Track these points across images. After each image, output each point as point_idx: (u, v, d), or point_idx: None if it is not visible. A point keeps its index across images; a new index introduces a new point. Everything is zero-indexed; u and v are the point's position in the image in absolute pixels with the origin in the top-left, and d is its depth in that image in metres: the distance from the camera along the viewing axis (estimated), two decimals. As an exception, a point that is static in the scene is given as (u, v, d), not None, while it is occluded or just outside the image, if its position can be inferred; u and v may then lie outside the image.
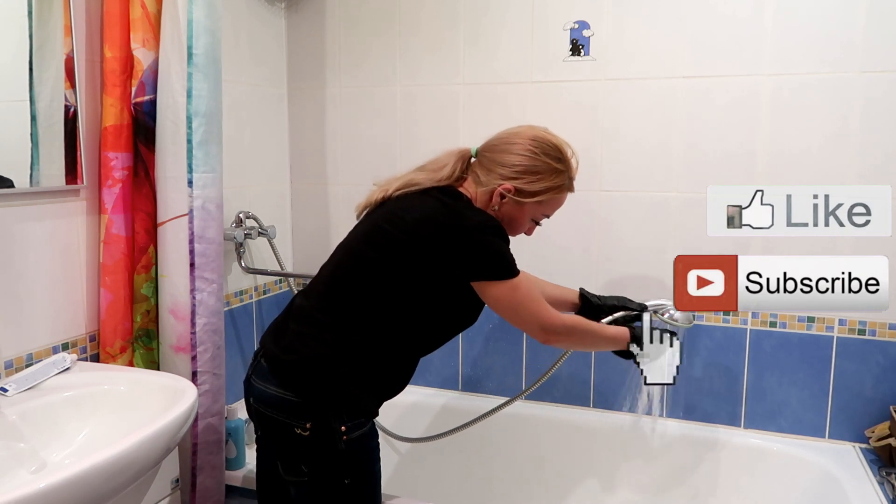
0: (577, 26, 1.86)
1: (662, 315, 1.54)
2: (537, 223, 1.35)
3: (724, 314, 1.84)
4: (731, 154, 1.77)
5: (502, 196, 1.26)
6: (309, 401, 1.21)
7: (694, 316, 1.56)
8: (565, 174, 1.30)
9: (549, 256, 1.97)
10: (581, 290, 1.61)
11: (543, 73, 1.91)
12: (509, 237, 1.27)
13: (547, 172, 1.26)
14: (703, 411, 1.89)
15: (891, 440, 1.62)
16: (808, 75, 1.69)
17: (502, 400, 2.04)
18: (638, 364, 1.46)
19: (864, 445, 1.74)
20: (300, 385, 1.21)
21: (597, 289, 1.94)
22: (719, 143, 1.78)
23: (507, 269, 1.21)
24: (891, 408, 1.69)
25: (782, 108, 1.72)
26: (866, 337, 1.73)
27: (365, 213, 1.34)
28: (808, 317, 1.77)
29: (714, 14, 1.75)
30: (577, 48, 1.87)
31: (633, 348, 1.43)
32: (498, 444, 2.02)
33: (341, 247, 1.33)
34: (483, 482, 2.02)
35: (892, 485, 1.52)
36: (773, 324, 1.80)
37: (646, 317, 1.46)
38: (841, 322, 1.75)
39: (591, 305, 1.57)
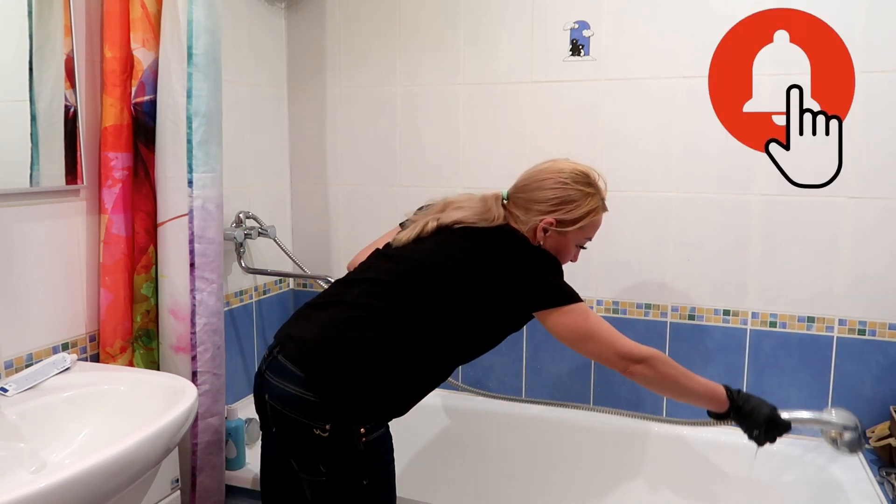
0: (577, 26, 1.86)
1: (830, 433, 1.44)
2: (581, 247, 1.40)
3: (723, 314, 1.84)
4: (731, 154, 1.77)
5: (545, 230, 1.32)
6: (331, 404, 1.20)
7: (861, 446, 1.44)
8: (597, 196, 1.35)
9: (549, 256, 1.97)
10: (727, 388, 1.37)
11: (543, 73, 1.91)
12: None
13: (581, 199, 1.32)
14: (703, 411, 1.88)
15: (891, 440, 1.62)
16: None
17: (503, 400, 2.05)
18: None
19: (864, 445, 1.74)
20: (326, 389, 1.20)
21: (597, 288, 1.94)
22: (719, 143, 1.78)
23: (569, 295, 1.27)
24: (891, 408, 1.69)
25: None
26: (866, 337, 1.73)
27: (417, 235, 1.34)
28: (807, 317, 1.77)
29: (714, 14, 1.75)
30: (577, 48, 1.87)
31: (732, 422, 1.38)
32: (498, 444, 2.02)
33: (402, 260, 1.31)
34: (483, 482, 2.02)
35: (892, 485, 1.52)
36: (773, 324, 1.80)
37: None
38: (841, 322, 1.75)
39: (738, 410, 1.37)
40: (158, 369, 1.56)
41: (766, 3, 1.70)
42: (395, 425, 2.11)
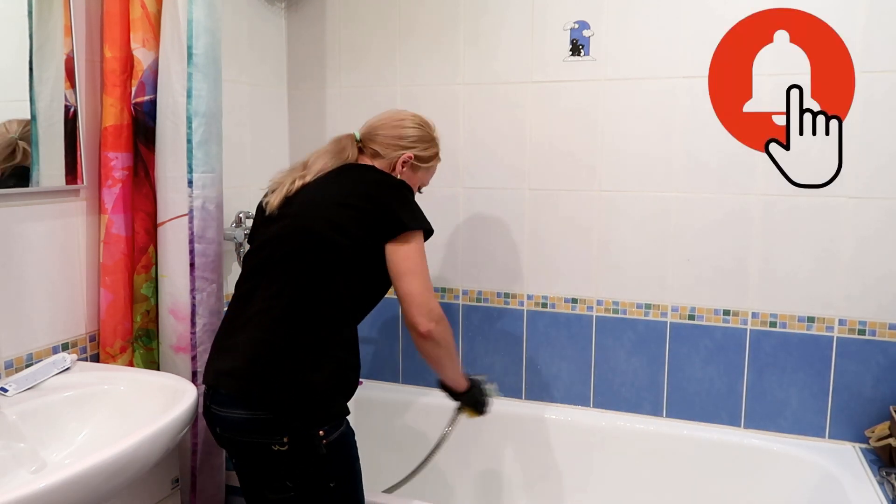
0: (577, 26, 1.86)
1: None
2: (419, 191, 1.49)
3: (723, 314, 1.84)
4: (731, 154, 1.77)
5: (404, 164, 1.42)
6: (281, 415, 1.19)
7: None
8: (438, 145, 1.50)
9: (549, 256, 1.97)
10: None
11: (543, 74, 1.91)
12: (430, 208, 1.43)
13: (431, 141, 1.47)
14: (703, 411, 1.89)
15: (891, 440, 1.62)
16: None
17: (504, 399, 2.05)
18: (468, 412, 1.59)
19: (864, 445, 1.74)
20: (269, 402, 1.19)
21: (597, 289, 1.95)
22: (719, 143, 1.78)
23: (423, 220, 1.33)
24: (891, 408, 1.69)
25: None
26: (866, 337, 1.73)
27: (282, 204, 1.32)
28: (808, 317, 1.77)
29: (714, 14, 1.75)
30: (577, 48, 1.87)
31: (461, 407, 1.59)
32: (498, 443, 2.02)
33: (277, 242, 1.29)
34: (483, 482, 2.02)
35: (892, 485, 1.52)
36: (773, 324, 1.80)
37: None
38: (841, 322, 1.75)
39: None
40: (158, 369, 1.56)
41: (766, 3, 1.70)
42: (394, 426, 2.11)
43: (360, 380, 1.37)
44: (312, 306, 1.24)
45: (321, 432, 1.19)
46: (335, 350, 1.26)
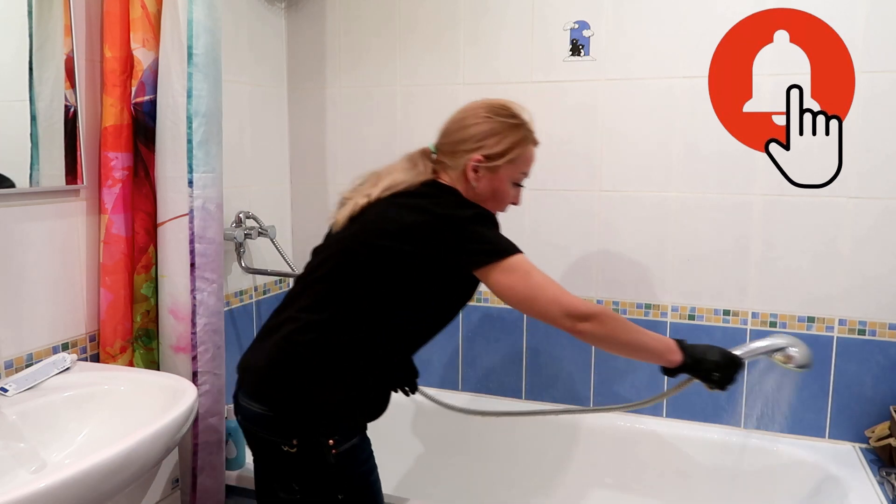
0: (577, 26, 1.86)
1: (775, 354, 1.37)
2: (519, 185, 1.34)
3: (723, 314, 1.84)
4: (731, 154, 1.77)
5: (476, 170, 1.26)
6: (293, 418, 1.18)
7: (810, 363, 1.37)
8: (523, 127, 1.30)
9: (549, 256, 1.97)
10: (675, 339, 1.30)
11: (543, 73, 1.91)
12: (499, 213, 1.29)
13: (505, 130, 1.27)
14: (703, 411, 1.89)
15: (891, 440, 1.62)
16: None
17: (504, 399, 2.06)
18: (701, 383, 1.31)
19: (864, 445, 1.74)
20: (288, 408, 1.18)
21: (597, 289, 1.94)
22: (719, 143, 1.78)
23: (504, 248, 1.18)
24: (891, 408, 1.69)
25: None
26: (866, 337, 1.73)
27: (350, 215, 1.27)
28: (808, 317, 1.77)
29: (714, 14, 1.75)
30: (577, 48, 1.87)
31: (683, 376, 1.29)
32: (498, 443, 2.02)
33: (328, 254, 1.26)
34: (482, 482, 2.02)
35: (892, 485, 1.52)
36: (773, 324, 1.80)
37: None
38: (841, 322, 1.75)
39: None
40: (158, 369, 1.56)
41: (766, 3, 1.70)
42: (394, 426, 2.11)
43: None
44: (348, 325, 1.20)
45: (330, 441, 1.17)
46: (366, 374, 1.22)
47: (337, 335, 1.19)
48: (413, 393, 1.55)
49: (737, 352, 1.31)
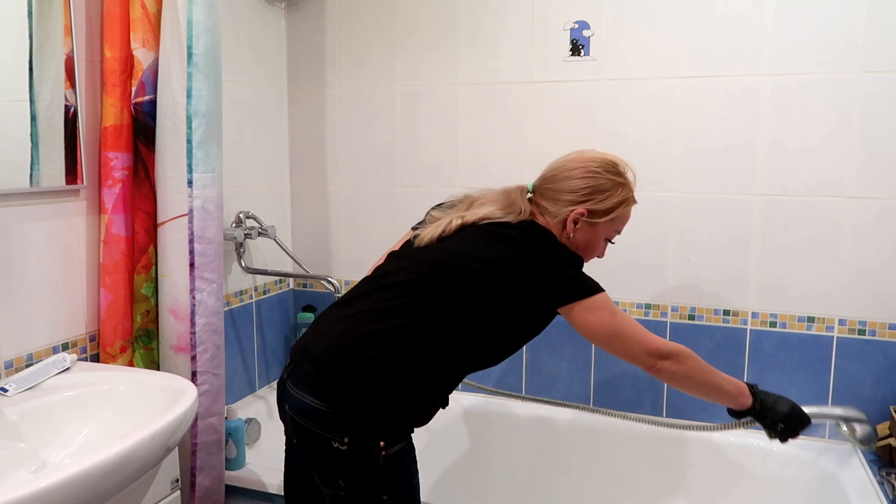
0: (577, 26, 1.86)
1: (844, 427, 1.41)
2: (610, 241, 1.36)
3: (723, 314, 1.84)
4: (732, 154, 1.77)
5: (576, 222, 1.27)
6: (349, 417, 1.16)
7: (875, 440, 1.39)
8: (628, 186, 1.30)
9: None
10: (750, 385, 1.32)
11: (543, 73, 1.91)
12: (585, 262, 1.29)
13: (612, 188, 1.27)
14: (703, 411, 1.89)
15: (891, 440, 1.62)
16: (808, 75, 1.69)
17: (504, 399, 2.05)
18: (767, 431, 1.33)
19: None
20: (343, 404, 1.16)
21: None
22: (719, 143, 1.78)
23: (590, 287, 1.20)
24: (891, 408, 1.69)
25: (782, 108, 1.72)
26: (866, 337, 1.73)
27: (441, 233, 1.27)
28: (808, 317, 1.77)
29: (714, 14, 1.75)
30: (577, 48, 1.87)
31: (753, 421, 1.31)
32: (498, 444, 2.02)
33: (413, 263, 1.25)
34: (482, 482, 2.02)
35: (892, 485, 1.52)
36: (773, 324, 1.80)
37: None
38: (841, 322, 1.75)
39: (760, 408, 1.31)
40: (158, 369, 1.56)
41: (766, 2, 1.70)
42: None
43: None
44: (413, 338, 1.19)
45: (381, 443, 1.16)
46: (424, 385, 1.21)
47: (408, 346, 1.18)
48: (445, 406, 1.47)
49: (807, 409, 1.33)
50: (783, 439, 1.33)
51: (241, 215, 1.94)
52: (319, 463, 1.22)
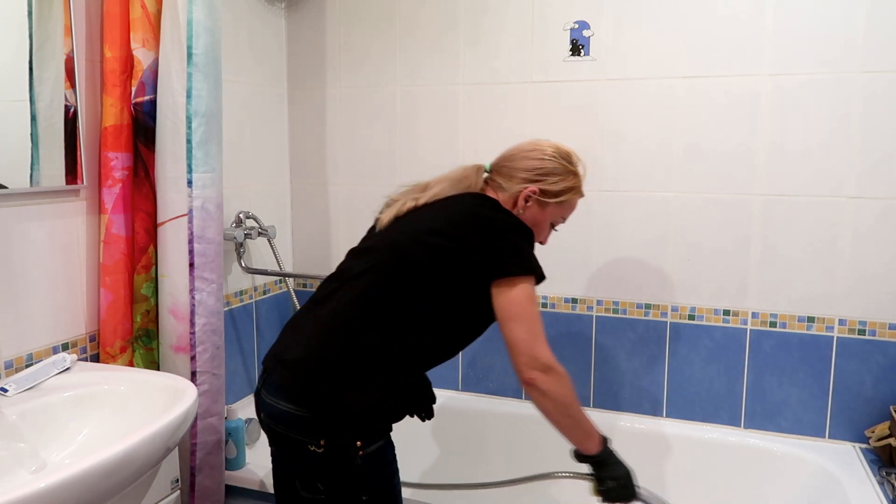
0: (577, 26, 1.86)
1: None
2: (554, 228, 1.41)
3: (723, 314, 1.84)
4: (732, 154, 1.77)
5: (527, 199, 1.32)
6: (324, 418, 1.17)
7: None
8: (578, 177, 1.37)
9: (549, 256, 1.96)
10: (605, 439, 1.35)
11: (543, 74, 1.91)
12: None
13: (565, 174, 1.34)
14: (703, 411, 1.89)
15: (891, 440, 1.62)
16: (809, 75, 1.69)
17: (504, 399, 2.06)
18: (593, 479, 1.34)
19: (864, 445, 1.74)
20: (317, 407, 1.17)
21: (597, 289, 1.94)
22: (719, 143, 1.78)
23: (533, 267, 1.22)
24: (891, 408, 1.69)
25: (782, 109, 1.72)
26: (866, 337, 1.73)
27: (393, 220, 1.30)
28: (808, 317, 1.77)
29: (714, 14, 1.75)
30: (577, 48, 1.87)
31: (593, 468, 1.33)
32: (498, 444, 2.02)
33: (371, 252, 1.27)
34: (481, 481, 2.02)
35: (892, 485, 1.52)
36: (773, 324, 1.80)
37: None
38: (841, 322, 1.75)
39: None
40: (158, 369, 1.56)
41: (766, 2, 1.70)
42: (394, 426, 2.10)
43: None
44: (383, 325, 1.20)
45: (359, 443, 1.17)
46: (397, 375, 1.22)
47: (378, 337, 1.19)
48: (430, 418, 1.48)
49: (640, 486, 1.35)
50: (605, 498, 1.33)
51: (241, 215, 1.94)
52: (297, 468, 1.23)
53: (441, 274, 1.20)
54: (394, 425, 1.26)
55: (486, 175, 1.38)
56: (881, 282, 1.70)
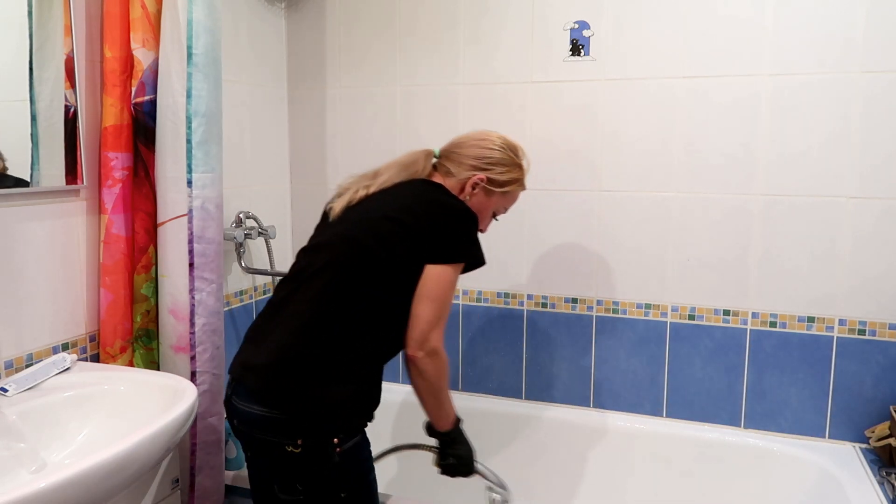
0: (577, 26, 1.86)
1: (490, 492, 1.48)
2: (495, 218, 1.45)
3: (723, 314, 1.84)
4: (731, 154, 1.77)
5: (474, 186, 1.36)
6: (299, 418, 1.18)
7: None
8: (523, 170, 1.43)
9: (549, 256, 1.97)
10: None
11: (543, 73, 1.91)
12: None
13: (512, 166, 1.39)
14: (703, 411, 1.89)
15: (891, 440, 1.62)
16: (809, 75, 1.69)
17: (504, 399, 2.06)
18: (435, 452, 1.42)
19: (864, 445, 1.74)
20: (292, 408, 1.18)
21: (597, 288, 1.94)
22: (719, 143, 1.78)
23: (475, 255, 1.28)
24: (891, 408, 1.69)
25: (782, 109, 1.72)
26: (866, 337, 1.73)
27: (345, 210, 1.31)
28: (808, 317, 1.77)
29: (714, 14, 1.75)
30: (577, 48, 1.87)
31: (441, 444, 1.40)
32: (498, 443, 2.01)
33: (332, 244, 1.28)
34: (481, 482, 2.02)
35: (892, 485, 1.52)
36: (773, 324, 1.80)
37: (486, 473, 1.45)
38: (841, 322, 1.75)
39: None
40: (158, 369, 1.56)
41: (766, 3, 1.70)
42: (395, 427, 2.11)
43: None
44: (345, 318, 1.21)
45: (335, 440, 1.18)
46: (364, 367, 1.23)
47: (337, 328, 1.20)
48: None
49: (479, 463, 1.44)
50: (444, 471, 1.42)
51: (241, 215, 1.94)
52: (276, 472, 1.23)
53: (393, 261, 1.22)
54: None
55: (435, 160, 1.41)
56: (881, 282, 1.71)
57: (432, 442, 1.43)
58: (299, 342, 1.20)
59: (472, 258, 1.28)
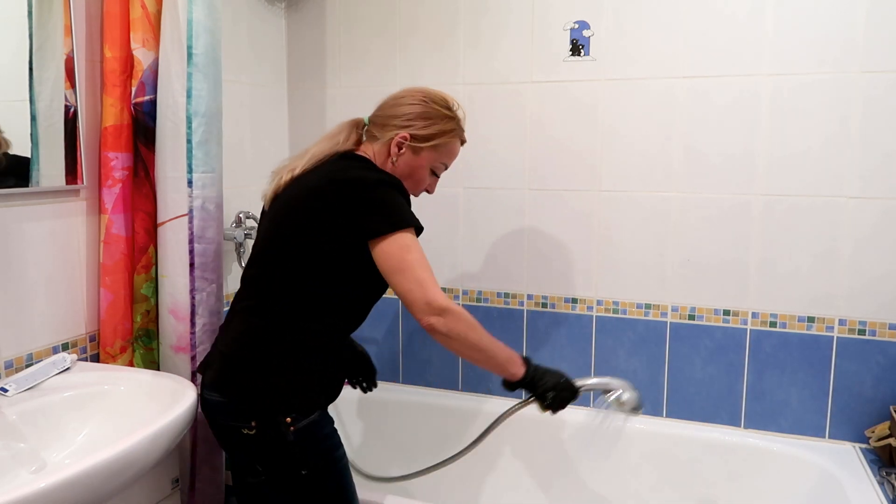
0: (577, 26, 1.86)
1: (609, 396, 1.38)
2: (436, 174, 1.39)
3: (723, 314, 1.84)
4: (731, 155, 1.77)
5: (399, 147, 1.31)
6: (250, 400, 1.21)
7: (641, 405, 1.38)
8: (455, 120, 1.35)
9: (549, 256, 1.97)
10: (526, 357, 1.34)
11: (543, 74, 1.91)
12: (412, 195, 1.34)
13: (437, 118, 1.32)
14: (703, 411, 1.89)
15: (891, 440, 1.62)
16: (809, 75, 1.69)
17: (504, 399, 2.05)
18: (530, 401, 1.34)
19: (864, 445, 1.74)
20: (239, 388, 1.22)
21: (597, 288, 1.94)
22: (719, 143, 1.78)
23: (403, 219, 1.19)
24: (891, 408, 1.69)
25: (782, 109, 1.72)
26: (866, 337, 1.73)
27: (272, 199, 1.32)
28: (808, 317, 1.77)
29: (714, 14, 1.75)
30: (577, 48, 1.87)
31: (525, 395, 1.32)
32: (497, 443, 2.01)
33: (265, 237, 1.31)
34: (482, 482, 2.02)
35: (892, 485, 1.52)
36: (773, 324, 1.80)
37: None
38: (841, 322, 1.75)
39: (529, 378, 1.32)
40: (158, 369, 1.56)
41: (766, 3, 1.70)
42: (394, 426, 2.10)
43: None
44: (289, 304, 1.24)
45: (288, 419, 1.20)
46: (310, 355, 1.25)
47: (288, 322, 1.24)
48: (371, 389, 1.61)
49: (577, 382, 1.34)
50: (553, 410, 1.32)
51: (241, 215, 1.94)
52: (237, 455, 1.28)
53: (318, 249, 1.21)
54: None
55: (366, 127, 1.38)
56: (881, 282, 1.70)
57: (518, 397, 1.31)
58: (247, 334, 1.26)
59: (400, 224, 1.18)
